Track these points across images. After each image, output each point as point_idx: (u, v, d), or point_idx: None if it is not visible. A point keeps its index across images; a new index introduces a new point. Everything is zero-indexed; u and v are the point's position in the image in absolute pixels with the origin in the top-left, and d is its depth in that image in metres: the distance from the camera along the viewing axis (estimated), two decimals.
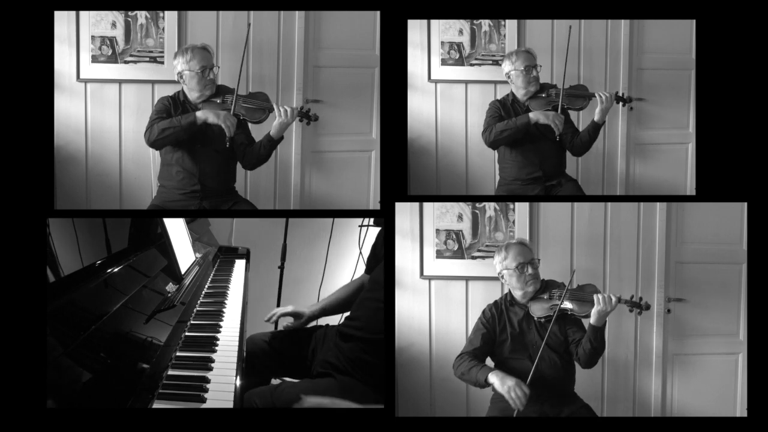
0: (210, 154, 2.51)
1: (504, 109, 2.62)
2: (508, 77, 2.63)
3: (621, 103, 2.66)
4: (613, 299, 2.20)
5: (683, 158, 3.09)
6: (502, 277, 2.37)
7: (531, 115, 2.55)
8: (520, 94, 2.62)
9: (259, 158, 2.54)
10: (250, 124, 2.54)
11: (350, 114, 3.00)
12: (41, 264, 2.13)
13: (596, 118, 2.57)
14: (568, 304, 2.27)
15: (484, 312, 2.38)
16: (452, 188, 3.00)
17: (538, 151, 2.62)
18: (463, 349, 2.34)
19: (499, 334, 2.33)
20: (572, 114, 2.71)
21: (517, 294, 2.35)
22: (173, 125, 2.40)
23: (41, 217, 2.18)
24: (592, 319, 2.21)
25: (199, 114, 2.41)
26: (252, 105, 2.49)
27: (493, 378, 2.13)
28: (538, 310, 2.31)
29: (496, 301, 2.41)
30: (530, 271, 2.32)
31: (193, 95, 2.49)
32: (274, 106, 2.46)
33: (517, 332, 2.32)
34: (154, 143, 2.44)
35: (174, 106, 2.48)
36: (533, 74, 2.59)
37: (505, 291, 2.51)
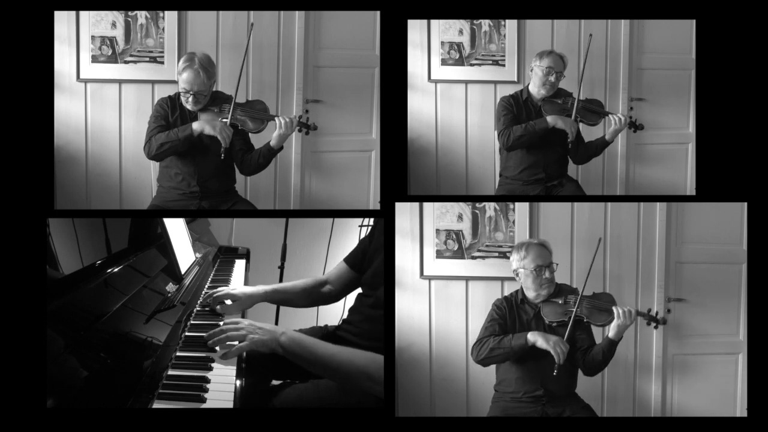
0: (209, 156, 2.51)
1: (516, 106, 2.62)
2: (531, 71, 2.63)
3: (632, 129, 2.64)
4: (633, 312, 2.21)
5: (683, 158, 3.09)
6: (518, 275, 2.37)
7: (549, 119, 2.55)
8: (536, 93, 2.61)
9: (258, 166, 2.55)
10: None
11: (350, 114, 3.01)
12: (41, 264, 2.13)
13: (608, 137, 2.61)
14: (583, 312, 2.27)
15: (495, 305, 2.37)
16: (452, 188, 3.00)
17: (544, 154, 2.62)
18: (481, 335, 2.32)
19: (509, 329, 2.33)
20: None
21: (530, 294, 2.35)
22: (170, 139, 2.40)
23: (41, 217, 2.18)
24: (612, 333, 2.22)
25: (195, 126, 2.40)
26: (249, 115, 2.48)
27: (535, 336, 2.19)
28: (550, 313, 2.30)
29: (506, 297, 2.40)
30: (547, 274, 2.32)
31: (189, 107, 2.48)
32: (275, 119, 2.46)
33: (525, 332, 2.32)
34: (154, 157, 2.47)
35: (172, 108, 2.48)
36: (551, 78, 2.57)
37: (510, 289, 2.51)
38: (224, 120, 2.44)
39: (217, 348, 1.84)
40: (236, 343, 1.81)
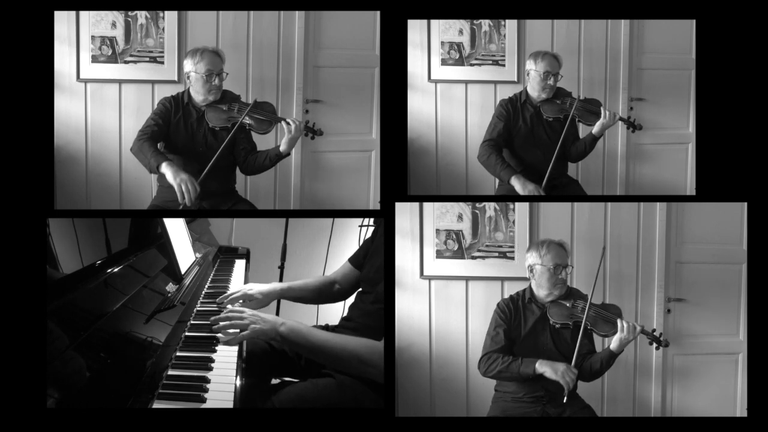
0: (210, 156, 2.50)
1: (513, 110, 2.61)
2: (528, 75, 2.63)
3: (631, 129, 2.63)
4: (637, 328, 2.22)
5: (683, 158, 3.09)
6: (532, 271, 2.37)
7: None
8: (536, 96, 2.61)
9: (262, 168, 2.55)
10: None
11: (350, 114, 3.01)
12: (41, 264, 2.13)
13: (594, 131, 2.58)
14: (588, 320, 2.28)
15: (500, 307, 2.36)
16: (452, 188, 3.00)
17: (544, 153, 2.61)
18: (487, 348, 2.32)
19: (513, 330, 2.33)
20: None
21: (541, 293, 2.35)
22: (146, 158, 2.38)
23: (41, 217, 2.18)
24: (613, 345, 2.23)
25: (163, 166, 2.35)
26: (261, 116, 2.49)
27: (543, 367, 2.19)
28: (556, 315, 2.31)
29: (512, 296, 2.40)
30: (563, 275, 2.33)
31: (197, 98, 2.49)
32: (283, 123, 2.46)
33: (530, 332, 2.32)
34: (132, 153, 2.47)
35: (175, 107, 2.48)
36: (550, 81, 2.57)
37: (510, 290, 2.51)
38: (234, 119, 2.46)
39: (220, 334, 1.90)
40: (238, 331, 1.89)
